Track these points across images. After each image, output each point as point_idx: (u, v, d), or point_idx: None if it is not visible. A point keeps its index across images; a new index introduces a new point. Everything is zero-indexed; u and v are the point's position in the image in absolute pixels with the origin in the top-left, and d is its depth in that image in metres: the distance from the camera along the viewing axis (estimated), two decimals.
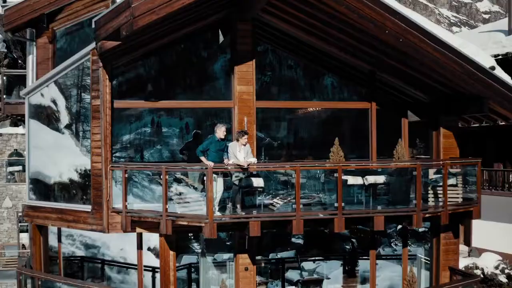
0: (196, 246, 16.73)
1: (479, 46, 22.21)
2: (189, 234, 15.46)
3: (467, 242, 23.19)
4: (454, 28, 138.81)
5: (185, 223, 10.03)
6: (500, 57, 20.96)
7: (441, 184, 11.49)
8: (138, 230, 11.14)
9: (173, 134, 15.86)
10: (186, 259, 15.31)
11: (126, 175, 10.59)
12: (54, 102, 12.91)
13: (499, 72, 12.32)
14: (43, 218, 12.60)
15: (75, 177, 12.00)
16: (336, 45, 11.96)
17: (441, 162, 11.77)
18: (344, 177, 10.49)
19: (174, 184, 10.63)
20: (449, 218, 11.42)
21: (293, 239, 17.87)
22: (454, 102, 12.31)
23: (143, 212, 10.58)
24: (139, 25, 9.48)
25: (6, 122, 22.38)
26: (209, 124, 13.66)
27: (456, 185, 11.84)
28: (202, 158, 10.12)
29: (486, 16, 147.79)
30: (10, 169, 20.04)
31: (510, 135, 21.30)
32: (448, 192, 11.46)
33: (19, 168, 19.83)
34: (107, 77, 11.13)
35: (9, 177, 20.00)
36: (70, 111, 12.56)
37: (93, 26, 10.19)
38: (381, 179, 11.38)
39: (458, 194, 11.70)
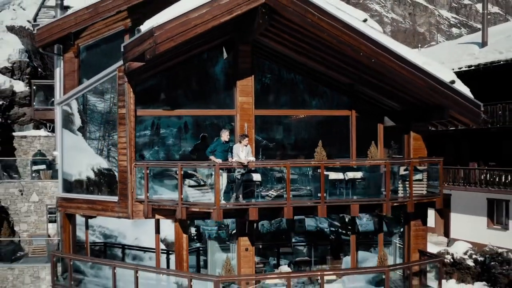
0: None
1: (455, 57, 24.42)
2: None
3: (446, 234, 25.44)
4: (454, 29, 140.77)
5: (197, 209, 12.22)
6: (473, 67, 23.15)
7: (413, 178, 13.71)
8: (157, 216, 13.31)
9: (170, 134, 17.22)
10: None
11: (148, 171, 12.83)
12: (79, 111, 15.19)
13: (459, 85, 14.28)
14: (75, 208, 14.80)
15: (97, 174, 14.28)
16: (322, 63, 14.10)
17: (405, 161, 13.97)
18: (326, 173, 12.70)
19: (187, 178, 12.85)
20: (414, 207, 13.61)
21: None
22: (421, 110, 14.45)
23: (162, 201, 12.79)
24: (160, 50, 11.66)
25: (30, 125, 24.54)
26: (208, 124, 15.59)
27: (421, 180, 14.02)
28: (211, 157, 12.34)
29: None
30: (35, 167, 22.01)
31: (483, 138, 23.53)
32: (414, 185, 13.60)
33: (43, 167, 21.88)
34: (131, 90, 13.32)
35: (33, 175, 22.05)
36: (93, 118, 14.83)
37: (122, 50, 12.36)
38: (358, 174, 13.52)
39: (423, 187, 13.86)
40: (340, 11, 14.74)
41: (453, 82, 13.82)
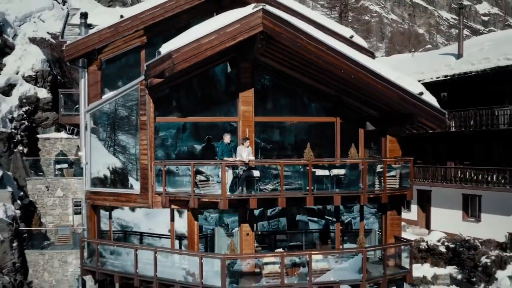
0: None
1: (435, 67, 26.82)
2: None
3: (427, 226, 27.85)
4: (453, 30, 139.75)
5: (206, 200, 14.66)
6: (449, 77, 25.57)
7: (387, 175, 16.13)
8: (173, 206, 15.74)
9: (169, 135, 19.39)
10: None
11: (166, 168, 15.28)
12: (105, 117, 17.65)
13: (427, 96, 16.61)
14: (102, 200, 17.24)
15: (120, 171, 16.75)
16: (311, 77, 16.48)
17: (379, 160, 16.41)
18: (314, 170, 15.15)
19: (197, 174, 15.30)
20: (389, 199, 16.05)
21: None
22: (395, 117, 16.79)
23: (178, 193, 15.24)
24: (177, 69, 14.10)
25: (52, 128, 26.88)
26: (205, 125, 17.35)
27: (395, 176, 16.46)
28: (225, 158, 14.80)
29: (486, 18, 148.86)
30: (58, 166, 24.42)
31: (458, 140, 25.96)
32: (388, 180, 16.02)
33: (66, 165, 24.28)
34: (151, 100, 15.78)
35: (56, 172, 24.43)
36: (115, 125, 17.28)
37: (145, 68, 14.82)
38: (341, 171, 15.91)
39: (396, 182, 16.30)
40: (329, 30, 17.45)
41: (421, 93, 16.25)
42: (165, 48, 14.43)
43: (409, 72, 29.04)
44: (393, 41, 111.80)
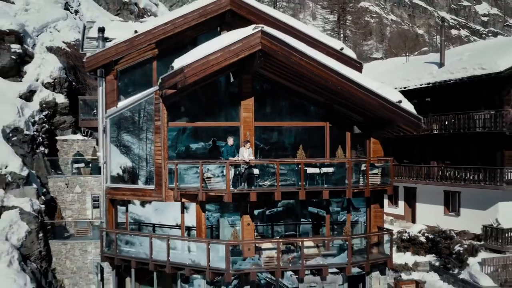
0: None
1: (419, 75, 29.02)
2: None
3: (413, 220, 30.01)
4: (453, 31, 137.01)
5: (213, 193, 16.89)
6: (431, 84, 27.79)
7: (369, 172, 18.35)
8: (183, 200, 17.98)
9: (170, 137, 19.59)
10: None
11: (177, 167, 17.51)
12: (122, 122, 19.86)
13: (405, 104, 18.75)
14: (121, 194, 19.46)
15: (134, 170, 19.00)
16: (304, 87, 18.64)
17: (362, 159, 18.62)
18: (306, 168, 17.38)
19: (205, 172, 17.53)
20: (372, 194, 18.27)
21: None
22: (378, 122, 18.96)
23: (188, 188, 17.47)
24: (188, 82, 16.32)
25: (69, 131, 29.02)
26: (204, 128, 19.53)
27: (377, 174, 18.67)
28: (230, 158, 17.01)
29: (485, 19, 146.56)
30: (75, 165, 26.52)
31: (441, 141, 28.16)
32: (371, 177, 18.22)
33: (82, 164, 26.39)
34: (164, 107, 18.02)
35: (74, 171, 26.52)
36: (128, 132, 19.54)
37: (159, 80, 17.04)
38: (330, 169, 18.14)
39: (377, 179, 18.50)
40: (321, 43, 19.58)
41: (400, 101, 18.45)
42: (177, 63, 16.66)
43: (398, 78, 31.30)
44: (390, 44, 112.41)
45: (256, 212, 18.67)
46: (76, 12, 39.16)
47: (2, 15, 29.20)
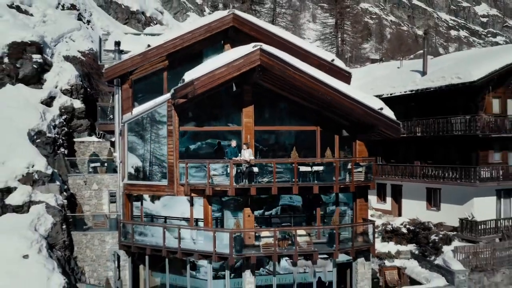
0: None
1: (403, 82, 31.46)
2: None
3: (400, 214, 32.42)
4: (453, 32, 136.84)
5: (218, 188, 19.36)
6: (414, 91, 30.25)
7: (354, 170, 20.82)
8: (192, 194, 20.45)
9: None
10: None
11: (187, 166, 19.98)
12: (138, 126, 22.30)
13: (386, 110, 21.13)
14: (137, 190, 21.90)
15: (146, 168, 21.51)
16: (298, 96, 21.01)
17: (347, 159, 21.05)
18: (299, 167, 19.84)
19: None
20: (357, 189, 20.72)
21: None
22: (362, 126, 21.32)
23: (197, 184, 19.90)
24: (197, 92, 18.77)
25: (85, 133, 31.41)
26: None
27: (361, 172, 21.12)
28: (233, 158, 19.44)
29: (484, 20, 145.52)
30: (92, 165, 28.92)
31: (423, 143, 30.62)
32: (356, 175, 20.69)
33: (98, 164, 28.80)
34: (176, 114, 20.49)
35: (90, 170, 28.92)
36: (144, 135, 22.00)
37: (171, 92, 19.49)
38: (320, 168, 20.58)
39: (362, 176, 20.95)
40: (314, 55, 21.91)
41: (381, 109, 20.90)
42: (187, 76, 19.10)
43: (387, 85, 33.69)
44: (388, 45, 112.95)
45: (256, 213, 20.95)
46: (88, 22, 41.63)
47: (24, 27, 31.54)
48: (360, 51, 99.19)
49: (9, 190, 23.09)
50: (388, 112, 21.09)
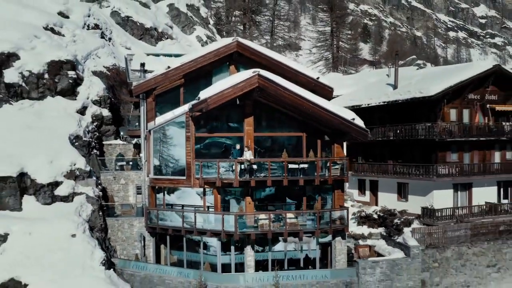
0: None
1: (378, 94, 36.55)
2: None
3: (376, 205, 37.51)
4: (451, 33, 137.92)
5: (226, 181, 24.37)
6: (386, 102, 35.36)
7: (332, 167, 25.94)
8: (205, 186, 25.60)
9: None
10: None
11: (202, 164, 25.13)
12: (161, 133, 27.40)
13: (357, 120, 26.12)
14: (161, 183, 26.90)
15: (169, 165, 26.68)
16: (288, 109, 26.03)
17: (327, 159, 26.16)
18: (289, 164, 24.97)
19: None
20: (334, 182, 25.73)
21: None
22: (339, 133, 26.34)
23: (209, 178, 25.00)
24: (210, 108, 23.87)
25: (111, 137, 36.44)
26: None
27: (337, 168, 26.20)
28: (238, 158, 24.55)
29: (483, 21, 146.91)
30: (119, 163, 33.93)
31: (394, 145, 35.77)
32: (333, 171, 25.70)
33: (124, 163, 33.89)
34: (192, 123, 25.66)
35: (117, 168, 33.97)
36: (165, 139, 27.09)
37: (189, 106, 24.59)
38: (306, 165, 25.66)
39: (338, 172, 25.97)
40: (302, 74, 26.93)
41: (353, 119, 25.99)
42: (202, 95, 24.12)
43: (366, 96, 38.71)
44: (383, 51, 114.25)
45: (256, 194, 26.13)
46: (110, 39, 46.74)
47: (59, 47, 36.35)
48: (356, 57, 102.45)
49: (57, 184, 27.72)
50: (359, 122, 26.11)
